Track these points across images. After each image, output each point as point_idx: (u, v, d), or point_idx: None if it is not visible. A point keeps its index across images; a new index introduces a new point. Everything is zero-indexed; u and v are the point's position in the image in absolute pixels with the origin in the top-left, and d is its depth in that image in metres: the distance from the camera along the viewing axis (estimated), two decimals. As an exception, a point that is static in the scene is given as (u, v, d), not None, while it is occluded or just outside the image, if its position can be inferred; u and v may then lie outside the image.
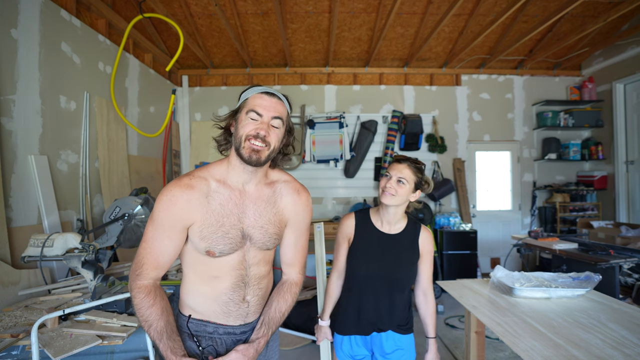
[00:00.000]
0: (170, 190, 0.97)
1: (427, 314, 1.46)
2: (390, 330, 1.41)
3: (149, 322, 0.96)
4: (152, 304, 0.97)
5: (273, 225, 1.06)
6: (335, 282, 1.48)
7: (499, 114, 4.91)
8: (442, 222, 4.43)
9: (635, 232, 3.01)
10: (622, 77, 4.29)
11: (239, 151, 0.98)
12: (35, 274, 1.96)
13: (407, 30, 4.15)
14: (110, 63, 3.08)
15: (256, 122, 0.98)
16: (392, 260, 1.39)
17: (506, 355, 2.65)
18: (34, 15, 2.25)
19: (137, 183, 3.39)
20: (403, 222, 1.43)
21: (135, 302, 0.97)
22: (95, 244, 1.65)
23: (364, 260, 1.40)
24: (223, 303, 1.04)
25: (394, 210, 1.39)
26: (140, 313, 0.97)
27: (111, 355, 1.38)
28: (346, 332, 1.44)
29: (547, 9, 3.76)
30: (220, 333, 1.06)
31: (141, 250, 0.99)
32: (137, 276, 0.98)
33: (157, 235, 0.98)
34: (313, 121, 4.60)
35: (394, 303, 1.40)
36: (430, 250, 1.44)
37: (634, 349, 1.15)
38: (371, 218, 1.45)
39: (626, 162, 4.34)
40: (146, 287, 0.98)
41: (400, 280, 1.39)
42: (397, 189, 1.33)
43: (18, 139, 2.09)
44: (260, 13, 3.77)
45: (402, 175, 1.34)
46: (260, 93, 1.00)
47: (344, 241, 1.45)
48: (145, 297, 0.97)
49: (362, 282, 1.40)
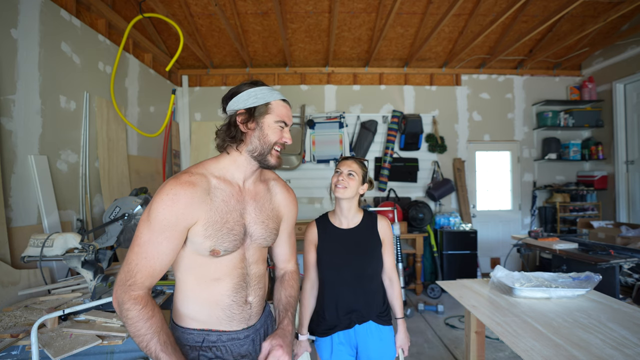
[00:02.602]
0: (171, 188, 0.90)
1: (393, 297, 1.54)
2: (372, 322, 1.46)
3: (148, 336, 0.87)
4: (151, 315, 0.89)
5: (272, 220, 1.08)
6: (309, 292, 1.52)
7: (499, 114, 4.91)
8: (442, 222, 4.43)
9: (636, 232, 3.01)
10: (622, 77, 4.29)
11: (264, 157, 1.01)
12: (35, 274, 1.96)
13: (407, 30, 4.15)
14: (110, 63, 3.08)
15: (282, 130, 1.02)
16: (356, 252, 1.47)
17: (506, 355, 2.65)
18: (34, 15, 2.25)
19: (137, 183, 3.39)
20: (359, 216, 1.53)
21: (131, 315, 0.87)
22: (95, 244, 1.65)
23: (330, 257, 1.47)
24: (226, 307, 1.00)
25: (348, 205, 1.49)
26: (136, 327, 0.87)
27: (111, 355, 1.38)
28: (328, 332, 1.46)
29: (547, 9, 3.76)
30: (224, 340, 1.01)
31: (133, 257, 0.89)
32: (130, 287, 0.88)
33: (153, 239, 0.89)
34: (313, 121, 4.60)
35: (368, 292, 1.47)
36: (389, 236, 1.53)
37: (634, 349, 1.15)
38: (330, 219, 1.55)
39: (626, 162, 4.34)
40: (142, 298, 0.89)
41: (366, 269, 1.46)
42: (348, 182, 1.45)
43: (18, 139, 2.09)
44: (260, 13, 3.77)
45: (351, 168, 1.47)
46: (282, 101, 1.04)
47: (311, 249, 1.52)
48: (143, 309, 0.88)
49: (333, 279, 1.47)
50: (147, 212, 0.91)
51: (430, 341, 2.95)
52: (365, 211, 1.56)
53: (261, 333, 1.10)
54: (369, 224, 1.52)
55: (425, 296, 4.11)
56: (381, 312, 1.49)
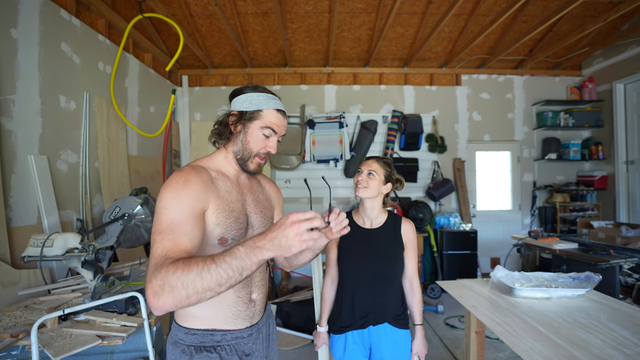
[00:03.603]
0: (179, 176, 0.88)
1: (413, 302, 1.52)
2: (387, 324, 1.44)
3: (205, 269, 0.71)
4: (189, 259, 0.74)
5: (268, 209, 1.13)
6: (329, 287, 1.56)
7: (499, 113, 4.91)
8: (442, 222, 4.42)
9: (636, 232, 3.00)
10: (622, 77, 4.28)
11: (245, 162, 1.04)
12: (35, 274, 1.96)
13: (407, 30, 4.15)
14: (110, 63, 3.08)
15: (267, 139, 1.03)
16: (377, 253, 1.45)
17: (506, 356, 2.64)
18: (34, 15, 2.25)
19: (137, 183, 3.39)
20: (383, 217, 1.52)
21: (176, 275, 0.70)
22: (95, 244, 1.65)
23: (350, 257, 1.47)
24: (232, 303, 1.00)
25: (371, 205, 1.49)
26: (194, 277, 0.70)
27: (111, 355, 1.38)
28: (342, 330, 1.46)
29: (547, 9, 3.76)
30: (229, 340, 0.99)
31: (157, 245, 0.78)
32: (162, 265, 0.73)
33: (175, 219, 0.81)
34: (313, 121, 4.60)
35: (386, 294, 1.45)
36: (412, 240, 1.50)
37: (634, 349, 1.15)
38: (354, 218, 1.55)
39: (626, 162, 4.34)
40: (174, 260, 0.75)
41: (386, 271, 1.44)
42: (368, 182, 1.45)
43: (18, 139, 2.09)
44: (260, 13, 3.77)
45: (371, 168, 1.47)
46: (276, 111, 1.04)
47: (333, 246, 1.54)
48: (179, 261, 0.73)
49: (352, 278, 1.46)
50: (160, 204, 0.85)
51: (431, 341, 2.95)
52: (390, 213, 1.55)
53: (263, 332, 1.10)
54: (392, 226, 1.50)
55: (425, 296, 4.11)
56: (398, 315, 1.46)
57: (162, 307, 0.71)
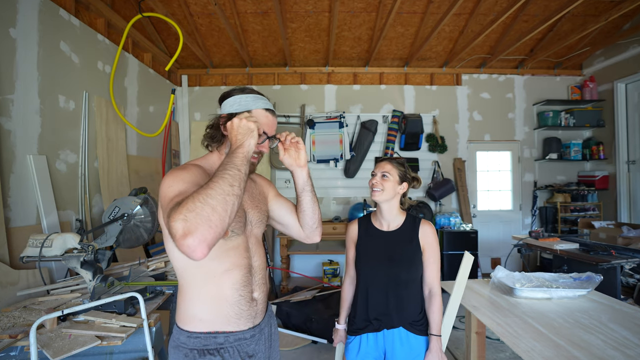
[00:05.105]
0: (177, 168, 0.95)
1: (430, 310, 1.43)
2: (402, 328, 1.40)
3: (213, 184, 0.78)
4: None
5: (262, 203, 1.17)
6: (348, 286, 1.58)
7: (500, 113, 4.90)
8: (443, 222, 4.42)
9: (637, 232, 2.99)
10: (624, 76, 4.27)
11: None
12: (34, 274, 1.96)
13: (407, 30, 4.14)
14: (110, 62, 3.08)
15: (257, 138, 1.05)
16: (392, 255, 1.43)
17: (507, 356, 2.64)
18: (33, 14, 2.24)
19: (136, 183, 3.38)
20: (401, 218, 1.50)
21: (187, 200, 0.74)
22: (94, 244, 1.64)
23: (367, 258, 1.47)
24: (235, 302, 0.99)
25: (388, 207, 1.47)
26: (201, 195, 0.75)
27: (110, 355, 1.37)
28: (357, 332, 1.45)
29: (547, 8, 3.75)
30: (232, 341, 0.98)
31: (169, 205, 0.82)
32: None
33: (182, 189, 0.86)
34: (313, 121, 4.59)
35: (402, 298, 1.41)
36: (431, 243, 1.44)
37: (635, 349, 1.14)
38: (372, 220, 1.54)
39: (627, 162, 4.33)
40: None
41: (400, 274, 1.41)
42: (383, 184, 1.44)
43: (17, 138, 2.09)
44: (259, 12, 3.76)
45: (384, 170, 1.45)
46: (265, 111, 1.05)
47: (351, 246, 1.55)
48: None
49: (368, 279, 1.45)
50: (163, 187, 0.89)
51: (431, 341, 2.94)
52: (409, 214, 1.52)
53: (265, 333, 1.10)
54: (410, 228, 1.46)
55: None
56: (416, 321, 1.41)
57: (198, 237, 0.70)
